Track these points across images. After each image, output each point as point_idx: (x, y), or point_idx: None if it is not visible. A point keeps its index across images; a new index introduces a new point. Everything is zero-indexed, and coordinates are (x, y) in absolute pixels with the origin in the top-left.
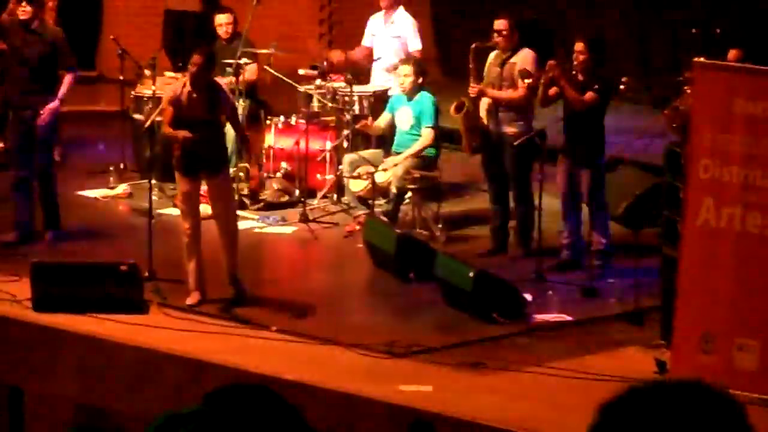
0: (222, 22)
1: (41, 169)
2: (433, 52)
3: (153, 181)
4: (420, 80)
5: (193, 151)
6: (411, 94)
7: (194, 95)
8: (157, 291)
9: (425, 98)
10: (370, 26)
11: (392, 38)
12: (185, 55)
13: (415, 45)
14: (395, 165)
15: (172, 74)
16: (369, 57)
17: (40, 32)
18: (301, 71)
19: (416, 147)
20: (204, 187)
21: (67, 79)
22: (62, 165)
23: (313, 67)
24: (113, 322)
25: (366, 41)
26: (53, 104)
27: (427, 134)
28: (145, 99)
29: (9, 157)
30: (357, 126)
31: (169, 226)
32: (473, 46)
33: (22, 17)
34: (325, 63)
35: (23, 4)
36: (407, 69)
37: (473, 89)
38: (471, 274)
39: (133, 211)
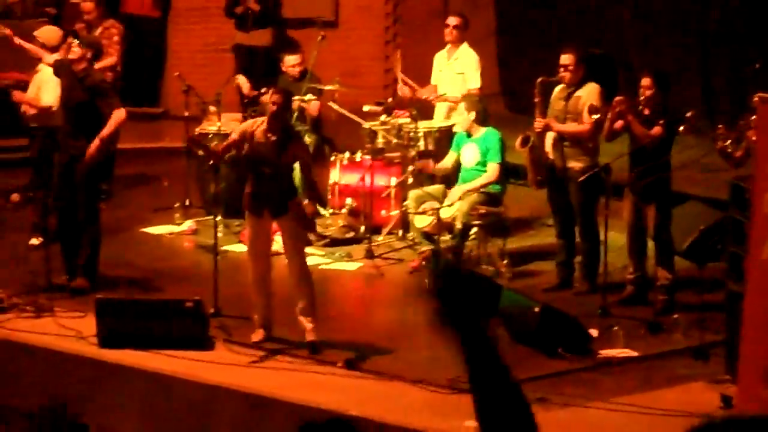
0: (291, 63)
1: (81, 213)
2: (498, 87)
3: (218, 218)
4: (476, 117)
5: (260, 191)
6: (471, 131)
7: (269, 135)
8: (223, 327)
9: (491, 134)
10: (436, 63)
11: (456, 74)
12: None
13: (474, 83)
14: (460, 199)
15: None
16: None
17: (82, 76)
18: (366, 107)
19: (480, 181)
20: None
21: (114, 117)
22: (108, 203)
23: (378, 103)
24: (178, 358)
25: (434, 78)
26: (92, 145)
27: (492, 169)
28: (210, 135)
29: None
30: (418, 167)
31: (234, 263)
32: (539, 80)
33: (70, 56)
34: (390, 99)
35: (75, 43)
36: (461, 108)
37: (538, 123)
38: (536, 309)
39: (198, 247)
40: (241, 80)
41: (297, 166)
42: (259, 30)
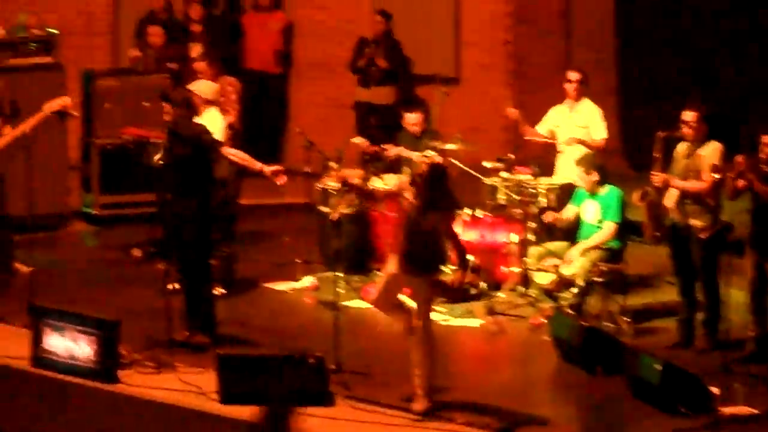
0: (412, 121)
1: (188, 268)
2: (618, 144)
3: (339, 274)
4: (595, 177)
5: (409, 249)
6: (592, 190)
7: (413, 199)
8: (344, 383)
9: (611, 192)
10: (550, 117)
11: (578, 128)
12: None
13: (600, 133)
14: (581, 256)
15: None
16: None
17: (181, 131)
18: (486, 164)
19: (596, 240)
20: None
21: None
22: (232, 259)
23: (499, 160)
24: (300, 414)
25: (541, 129)
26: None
27: (608, 228)
28: (332, 191)
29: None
30: (545, 219)
31: (355, 319)
32: (659, 134)
33: (165, 118)
34: (511, 155)
35: (167, 105)
36: (580, 170)
37: (658, 178)
38: (658, 367)
39: (319, 303)
40: (359, 140)
41: None
42: (383, 86)
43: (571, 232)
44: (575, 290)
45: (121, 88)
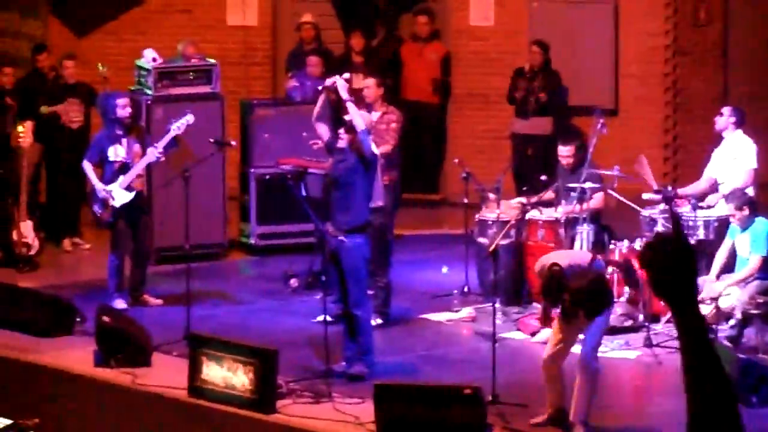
0: (564, 153)
1: (352, 305)
2: None
3: (497, 305)
4: (746, 212)
5: (575, 299)
6: (744, 224)
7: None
8: (501, 415)
9: (759, 224)
10: (714, 155)
11: (730, 160)
12: (529, 179)
13: (749, 163)
14: (733, 287)
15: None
16: (713, 185)
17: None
18: (645, 195)
19: (743, 274)
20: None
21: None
22: (389, 289)
23: (657, 192)
24: None
25: (710, 171)
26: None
27: (754, 261)
28: (490, 223)
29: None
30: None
31: (512, 350)
32: None
33: (340, 146)
34: (669, 188)
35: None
36: (730, 206)
37: None
38: None
39: (476, 334)
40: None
41: None
42: (540, 117)
43: (728, 266)
44: (732, 322)
45: (278, 117)
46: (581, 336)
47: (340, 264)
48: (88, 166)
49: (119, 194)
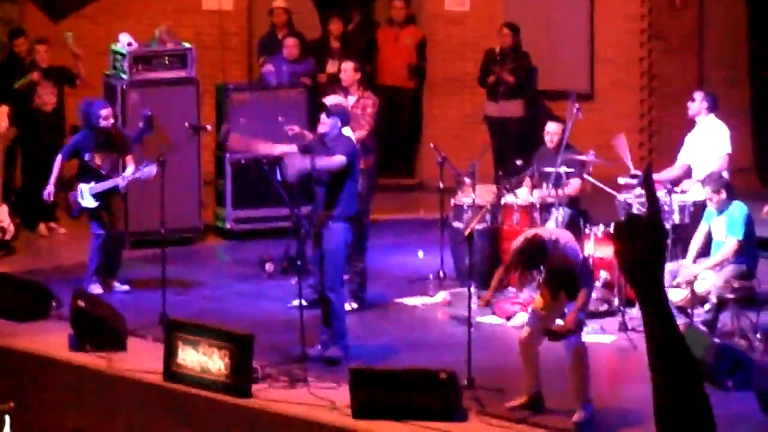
0: (553, 130)
1: (327, 288)
2: (751, 162)
3: (472, 289)
4: (722, 195)
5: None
6: (720, 208)
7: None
8: (476, 399)
9: (736, 209)
10: (687, 140)
11: (702, 144)
12: (506, 162)
13: (724, 148)
14: (709, 271)
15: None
16: (687, 171)
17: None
18: (620, 180)
19: (718, 258)
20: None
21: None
22: (364, 274)
23: (633, 176)
24: (431, 430)
25: (683, 157)
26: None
27: (730, 245)
28: (465, 207)
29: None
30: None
31: (487, 335)
32: None
33: (320, 130)
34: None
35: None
36: (707, 189)
37: None
38: None
39: (451, 318)
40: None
41: None
42: (510, 100)
43: (705, 251)
44: (708, 307)
45: (254, 102)
46: (558, 321)
47: (322, 246)
48: (58, 162)
49: (87, 198)
